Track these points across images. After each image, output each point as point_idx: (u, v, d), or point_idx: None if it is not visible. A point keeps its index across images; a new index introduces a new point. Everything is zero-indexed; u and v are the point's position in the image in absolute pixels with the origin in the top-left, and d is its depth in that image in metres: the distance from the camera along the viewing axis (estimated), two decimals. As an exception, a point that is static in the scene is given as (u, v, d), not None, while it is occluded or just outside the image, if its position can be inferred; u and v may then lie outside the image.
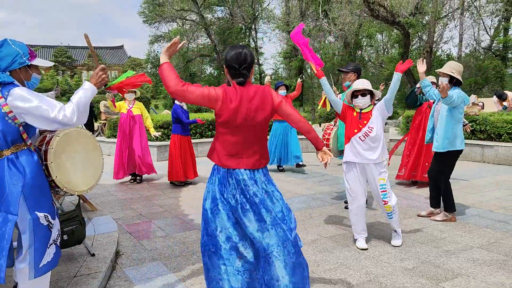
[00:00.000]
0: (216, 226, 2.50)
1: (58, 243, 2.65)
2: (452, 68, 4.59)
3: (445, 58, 24.63)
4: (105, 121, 14.77)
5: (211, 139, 10.60)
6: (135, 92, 6.96)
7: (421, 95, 6.33)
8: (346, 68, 5.19)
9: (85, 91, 2.54)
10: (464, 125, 5.80)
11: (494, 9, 24.31)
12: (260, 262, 2.46)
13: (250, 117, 2.52)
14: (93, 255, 3.50)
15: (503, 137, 8.87)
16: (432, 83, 5.74)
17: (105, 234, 4.07)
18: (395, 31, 19.78)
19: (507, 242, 4.11)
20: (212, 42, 31.04)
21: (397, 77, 3.86)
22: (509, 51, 24.16)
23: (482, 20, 25.65)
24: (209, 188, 2.60)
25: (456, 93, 4.44)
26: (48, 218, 2.55)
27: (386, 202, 3.88)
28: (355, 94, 3.92)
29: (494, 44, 24.98)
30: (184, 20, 32.89)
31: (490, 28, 26.25)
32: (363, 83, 3.91)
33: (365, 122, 3.87)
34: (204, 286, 3.25)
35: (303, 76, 6.89)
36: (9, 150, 2.48)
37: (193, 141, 10.41)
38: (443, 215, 4.86)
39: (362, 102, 3.89)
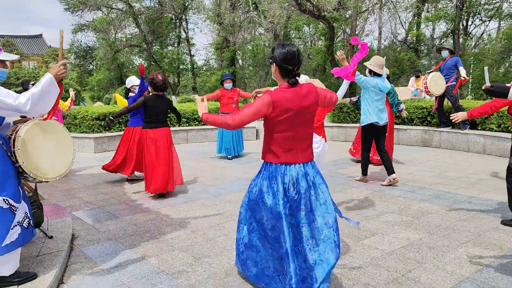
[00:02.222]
0: (262, 216, 2.76)
1: (24, 224, 2.87)
2: (372, 61, 5.68)
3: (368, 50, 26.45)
4: None
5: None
6: None
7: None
8: None
9: (43, 81, 2.79)
10: (400, 110, 6.90)
11: (408, 5, 26.57)
12: (298, 247, 2.70)
13: (303, 114, 2.70)
14: (51, 237, 3.70)
15: (414, 121, 10.06)
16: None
17: (58, 219, 4.25)
18: (321, 24, 20.92)
19: (413, 207, 4.93)
20: (141, 32, 30.32)
21: None
22: (421, 44, 26.53)
23: (398, 15, 27.91)
24: (257, 181, 2.83)
25: (367, 78, 5.61)
26: (8, 202, 2.76)
27: None
28: None
29: (408, 38, 27.26)
30: (110, 9, 31.74)
31: (405, 23, 28.64)
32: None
33: None
34: (161, 257, 3.65)
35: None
36: None
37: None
38: (388, 180, 5.97)
39: None
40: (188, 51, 32.24)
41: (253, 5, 20.44)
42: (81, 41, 38.04)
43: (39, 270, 3.07)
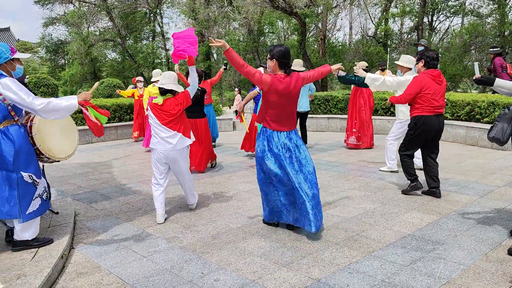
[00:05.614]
0: (268, 167, 3.83)
1: (44, 196, 3.42)
2: (294, 63, 7.60)
3: (340, 45, 27.38)
4: None
5: (130, 122, 11.16)
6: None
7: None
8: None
9: (66, 101, 3.21)
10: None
11: (376, 1, 27.61)
12: (294, 190, 3.80)
13: (292, 97, 3.76)
14: (57, 213, 4.23)
15: (379, 112, 10.89)
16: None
17: (59, 199, 4.77)
18: (294, 20, 21.59)
19: (372, 184, 5.68)
20: (115, 26, 30.23)
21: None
22: (389, 39, 27.65)
23: (368, 10, 28.91)
24: (259, 143, 3.90)
25: None
26: (32, 177, 3.32)
27: None
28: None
29: (377, 32, 28.33)
30: (82, 2, 31.48)
31: (374, 18, 29.70)
32: (168, 79, 4.35)
33: None
34: (155, 227, 4.25)
35: (227, 66, 8.10)
36: (1, 124, 3.20)
37: (113, 124, 10.91)
38: None
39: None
40: (163, 45, 32.35)
41: (227, 1, 20.93)
42: (51, 35, 37.50)
43: (53, 237, 3.62)
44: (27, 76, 7.79)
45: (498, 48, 10.48)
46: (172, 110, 4.26)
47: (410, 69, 5.97)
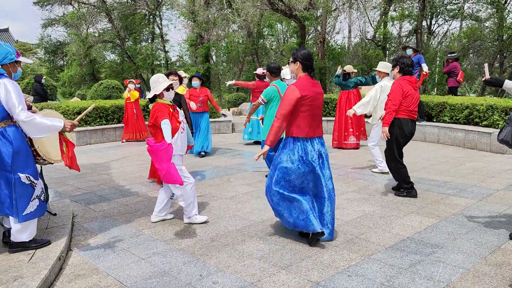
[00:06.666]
0: (294, 177, 3.67)
1: (42, 198, 3.40)
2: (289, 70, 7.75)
3: (339, 48, 27.42)
4: None
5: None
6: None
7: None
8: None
9: (52, 124, 3.24)
10: None
11: (376, 4, 27.67)
12: (319, 194, 3.75)
13: (319, 101, 3.73)
14: (55, 214, 4.21)
15: (378, 115, 10.90)
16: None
17: (58, 200, 4.75)
18: (293, 22, 21.63)
19: (371, 187, 5.67)
20: (114, 28, 30.21)
21: None
22: (388, 42, 27.71)
23: (367, 13, 28.97)
24: (288, 152, 3.70)
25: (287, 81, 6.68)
26: (30, 178, 3.30)
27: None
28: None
29: (376, 36, 28.37)
30: (82, 3, 31.49)
31: (373, 22, 29.75)
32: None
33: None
34: (154, 229, 4.23)
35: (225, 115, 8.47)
36: None
37: (111, 126, 10.91)
38: None
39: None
40: (162, 47, 32.32)
41: (227, 3, 20.95)
42: (50, 36, 37.48)
43: (51, 239, 3.60)
44: (44, 77, 7.94)
45: (456, 54, 10.98)
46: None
47: (388, 74, 6.25)
